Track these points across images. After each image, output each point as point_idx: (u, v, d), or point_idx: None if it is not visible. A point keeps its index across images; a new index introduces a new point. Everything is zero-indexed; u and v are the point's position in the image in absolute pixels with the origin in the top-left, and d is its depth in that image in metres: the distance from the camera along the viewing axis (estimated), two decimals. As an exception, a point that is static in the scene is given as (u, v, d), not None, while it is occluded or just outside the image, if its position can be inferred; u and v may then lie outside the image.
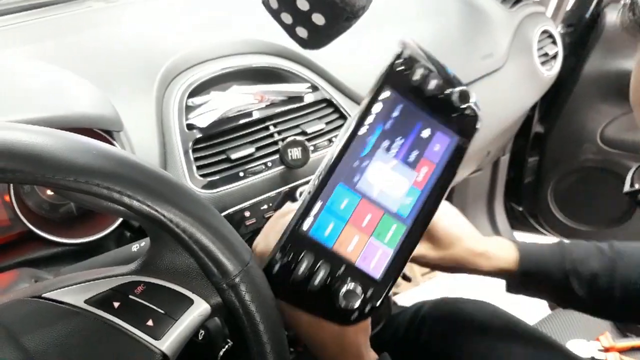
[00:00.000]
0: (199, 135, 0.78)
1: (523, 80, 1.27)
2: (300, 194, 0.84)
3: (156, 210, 0.38)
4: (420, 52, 0.59)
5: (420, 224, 0.58)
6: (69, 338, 0.38)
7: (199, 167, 0.77)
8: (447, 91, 0.57)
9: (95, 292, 0.41)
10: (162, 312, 0.41)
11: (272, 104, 0.85)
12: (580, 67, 1.46)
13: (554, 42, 1.34)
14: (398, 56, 0.57)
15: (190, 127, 0.78)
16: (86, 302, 0.40)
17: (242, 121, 0.81)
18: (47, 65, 0.74)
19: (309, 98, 0.88)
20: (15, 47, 0.79)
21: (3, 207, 0.65)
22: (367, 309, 0.55)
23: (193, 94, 0.81)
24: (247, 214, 0.79)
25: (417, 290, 1.50)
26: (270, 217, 0.81)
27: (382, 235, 0.57)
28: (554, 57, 1.34)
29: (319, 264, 0.53)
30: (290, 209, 0.61)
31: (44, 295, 0.40)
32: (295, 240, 0.53)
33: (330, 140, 0.87)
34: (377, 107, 0.56)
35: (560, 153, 1.58)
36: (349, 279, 0.54)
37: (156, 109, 0.77)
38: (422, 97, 0.57)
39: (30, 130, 0.34)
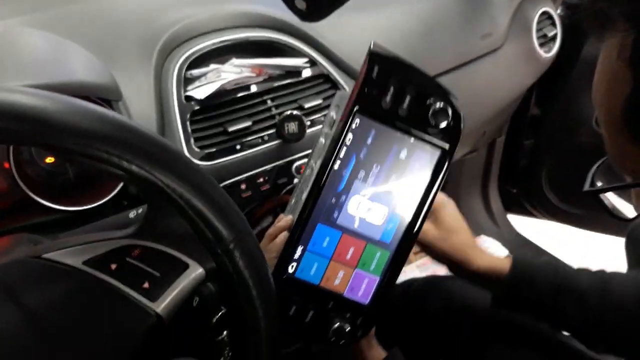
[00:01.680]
0: (196, 107, 0.78)
1: (521, 61, 1.27)
2: (295, 170, 0.85)
3: (154, 176, 0.38)
4: (392, 61, 0.54)
5: (405, 247, 0.58)
6: (67, 297, 0.39)
7: (196, 139, 0.78)
8: (423, 108, 0.54)
9: (93, 254, 0.42)
10: (158, 275, 0.42)
11: (270, 78, 0.85)
12: (579, 49, 1.46)
13: (554, 24, 1.34)
14: (365, 78, 0.53)
15: (189, 98, 0.79)
16: (84, 263, 0.41)
17: (239, 94, 0.82)
18: (46, 33, 0.74)
19: (306, 73, 0.88)
20: (15, 15, 0.79)
21: (2, 174, 0.65)
22: (359, 334, 0.58)
23: (192, 66, 0.81)
24: (243, 186, 0.80)
25: (408, 267, 1.52)
26: (265, 190, 0.83)
27: (367, 265, 0.57)
28: (553, 38, 1.34)
29: (307, 304, 0.55)
30: (280, 228, 0.60)
31: (43, 255, 0.41)
32: (281, 285, 0.53)
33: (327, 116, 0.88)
34: (349, 137, 0.54)
35: (556, 136, 1.58)
36: (338, 312, 0.56)
37: (155, 80, 0.77)
38: (396, 117, 0.54)
39: (33, 94, 0.35)
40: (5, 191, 0.66)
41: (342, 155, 0.54)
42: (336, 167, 0.54)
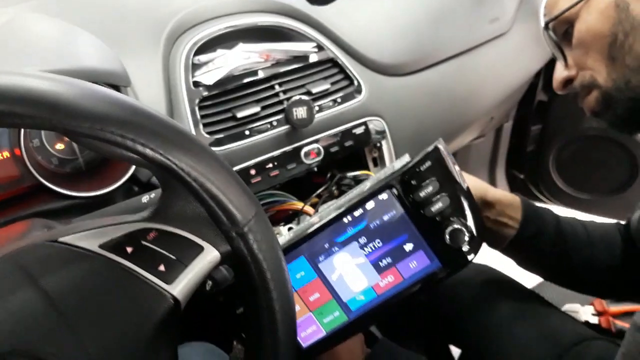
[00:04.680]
0: (205, 93, 0.78)
1: (529, 45, 1.26)
2: (304, 155, 0.85)
3: (168, 159, 0.38)
4: (446, 167, 0.55)
5: (361, 323, 0.59)
6: (85, 280, 0.39)
7: (205, 125, 0.78)
8: (446, 221, 0.55)
9: (109, 238, 0.42)
10: (174, 257, 0.42)
11: (278, 63, 0.85)
12: (587, 33, 1.44)
13: (562, 8, 1.33)
14: (413, 165, 0.54)
15: (197, 84, 0.79)
16: (100, 246, 0.41)
17: (247, 80, 0.82)
18: (55, 19, 0.74)
19: (314, 58, 0.88)
20: (23, 1, 0.79)
21: (14, 161, 0.66)
22: None
23: (199, 51, 0.81)
24: (252, 171, 0.80)
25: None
26: (275, 175, 0.83)
27: (322, 316, 0.59)
28: (561, 22, 1.33)
29: None
30: None
31: (59, 239, 0.41)
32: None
33: (335, 101, 0.88)
34: (370, 204, 0.55)
35: (563, 121, 1.57)
36: None
37: (163, 66, 0.77)
38: (420, 214, 0.55)
39: (47, 78, 0.35)
40: (17, 178, 0.66)
41: (356, 214, 0.56)
42: (345, 220, 0.56)
